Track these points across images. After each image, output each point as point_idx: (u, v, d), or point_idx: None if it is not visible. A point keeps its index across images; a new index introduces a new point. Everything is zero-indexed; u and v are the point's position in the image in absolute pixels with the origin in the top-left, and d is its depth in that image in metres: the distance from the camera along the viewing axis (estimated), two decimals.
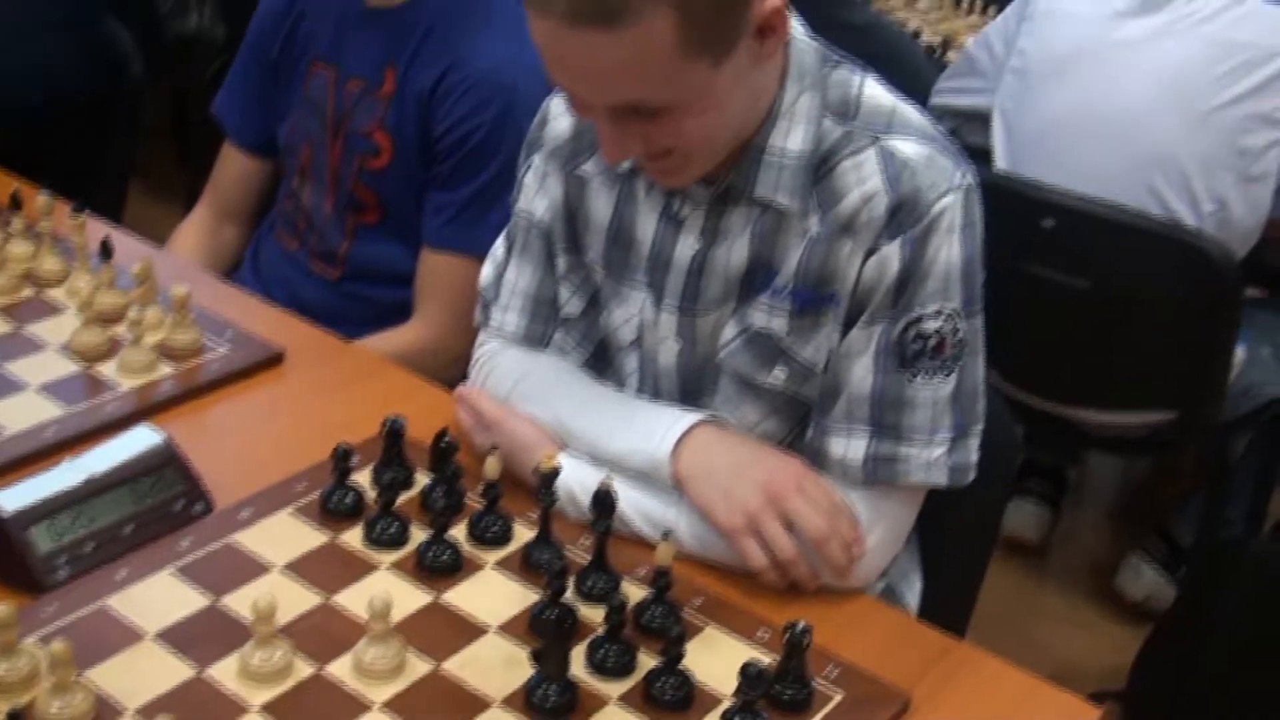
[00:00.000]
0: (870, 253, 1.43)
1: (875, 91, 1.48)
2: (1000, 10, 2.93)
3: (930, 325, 1.43)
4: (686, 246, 1.51)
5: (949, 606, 1.72)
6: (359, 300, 2.22)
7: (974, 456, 1.47)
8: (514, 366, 1.64)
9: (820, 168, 1.45)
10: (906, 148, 1.42)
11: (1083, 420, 2.64)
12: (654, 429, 1.49)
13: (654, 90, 1.29)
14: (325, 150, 2.22)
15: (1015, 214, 2.40)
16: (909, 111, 1.47)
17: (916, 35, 3.41)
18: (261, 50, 2.30)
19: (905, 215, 1.41)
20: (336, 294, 2.23)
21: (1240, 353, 2.50)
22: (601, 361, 1.66)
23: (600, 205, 1.58)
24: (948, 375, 1.44)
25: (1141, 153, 2.46)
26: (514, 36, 1.98)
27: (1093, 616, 2.92)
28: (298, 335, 1.90)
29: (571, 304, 1.64)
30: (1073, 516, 3.19)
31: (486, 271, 1.71)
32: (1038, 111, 2.61)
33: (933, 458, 1.45)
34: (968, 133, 2.87)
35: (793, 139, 1.44)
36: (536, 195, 1.64)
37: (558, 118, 1.62)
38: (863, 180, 1.42)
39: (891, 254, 1.41)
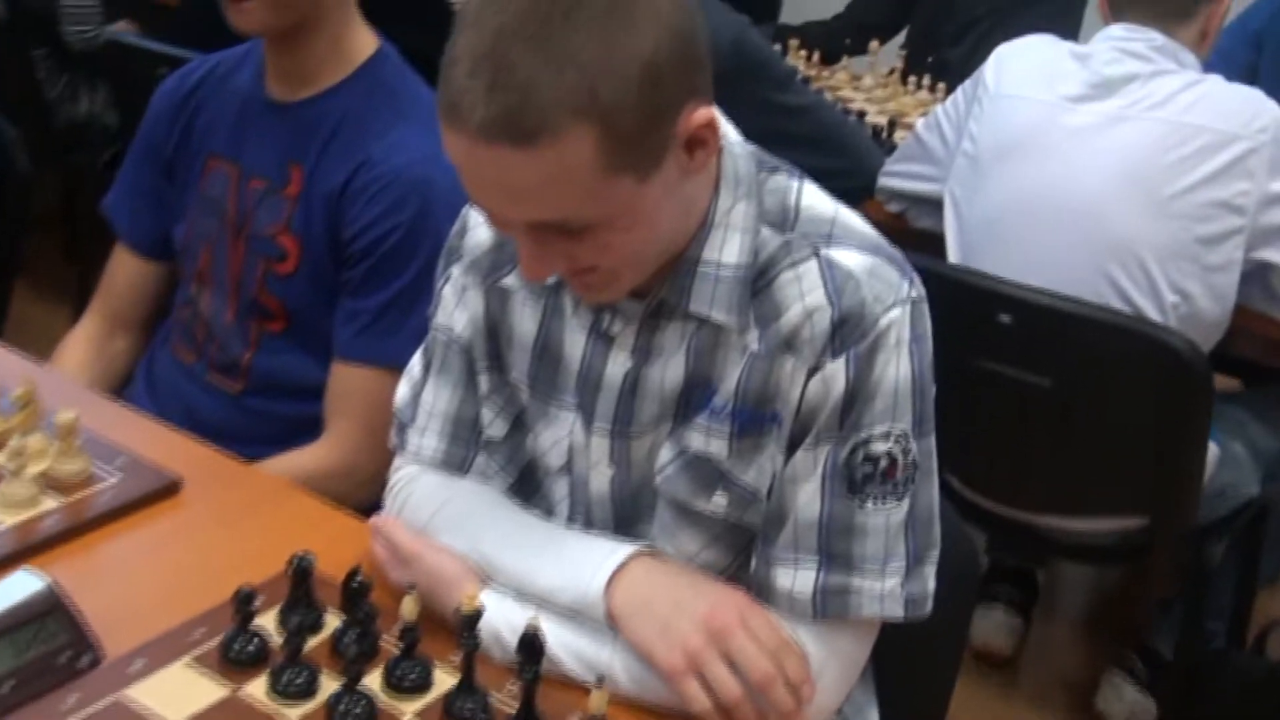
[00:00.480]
0: (814, 370, 1.43)
1: (815, 198, 1.48)
2: (950, 89, 2.97)
3: (880, 447, 1.42)
4: (618, 365, 1.51)
5: None
6: (263, 416, 2.20)
7: (931, 585, 1.47)
8: (432, 493, 1.62)
9: (759, 280, 1.45)
10: (850, 258, 1.43)
11: (1048, 527, 2.64)
12: (585, 563, 1.48)
13: (575, 209, 1.30)
14: (226, 253, 2.21)
15: (970, 308, 2.42)
16: (851, 219, 1.48)
17: (862, 115, 3.44)
18: (154, 144, 2.31)
19: (850, 331, 1.41)
20: (238, 410, 2.21)
21: (1213, 451, 2.50)
22: (528, 487, 1.65)
23: (525, 321, 1.58)
24: (900, 500, 1.44)
25: (1099, 242, 2.49)
26: (431, 131, 1.91)
27: None
28: (196, 460, 1.87)
29: (495, 426, 1.64)
30: (1044, 626, 3.18)
31: (402, 391, 1.70)
32: (989, 199, 2.65)
33: (887, 589, 1.44)
34: (917, 216, 2.95)
35: (728, 250, 1.45)
36: (456, 309, 1.63)
37: (477, 227, 1.62)
38: (804, 294, 1.43)
39: (836, 372, 1.42)
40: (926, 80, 3.76)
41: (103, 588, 1.60)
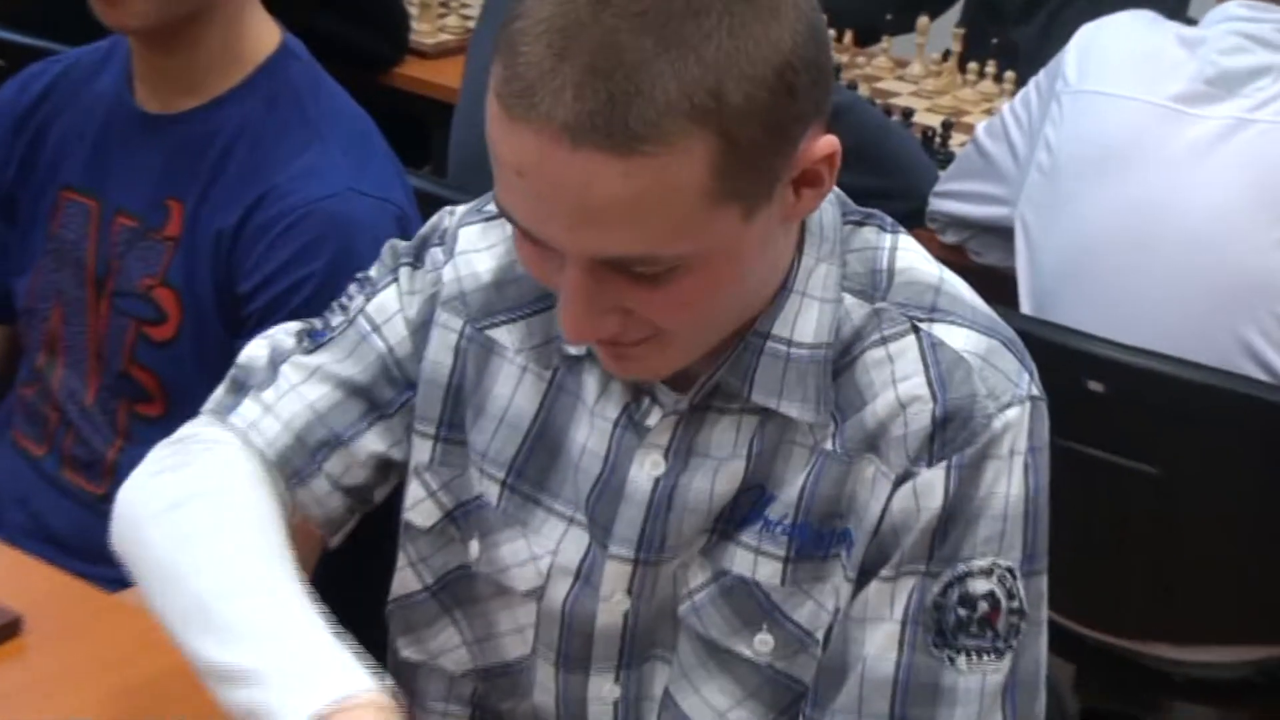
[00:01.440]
0: (903, 479, 1.35)
1: (913, 258, 1.43)
2: (1022, 79, 2.91)
3: (980, 586, 1.35)
4: (648, 469, 1.43)
5: None
6: None
7: None
8: (202, 478, 1.51)
9: (839, 360, 1.39)
10: (959, 338, 1.37)
11: (1157, 659, 2.54)
12: (299, 673, 1.29)
13: (665, 243, 1.21)
14: (84, 314, 2.10)
15: (1050, 373, 2.20)
16: (959, 286, 1.42)
17: (908, 116, 3.34)
18: None
19: (956, 432, 1.34)
20: (101, 519, 1.92)
21: None
22: (456, 599, 1.56)
23: (517, 392, 1.50)
24: (1000, 656, 1.36)
25: (1221, 286, 2.38)
26: (352, 154, 2.00)
27: None
28: (43, 589, 1.76)
29: (420, 511, 1.55)
30: None
31: (257, 352, 1.58)
32: (1074, 228, 2.52)
33: None
34: (981, 248, 2.85)
35: (805, 325, 1.38)
36: (407, 329, 1.53)
37: (471, 252, 1.53)
38: (898, 379, 1.36)
39: (933, 483, 1.34)
40: (991, 67, 3.64)
41: None
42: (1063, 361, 2.28)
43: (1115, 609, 2.52)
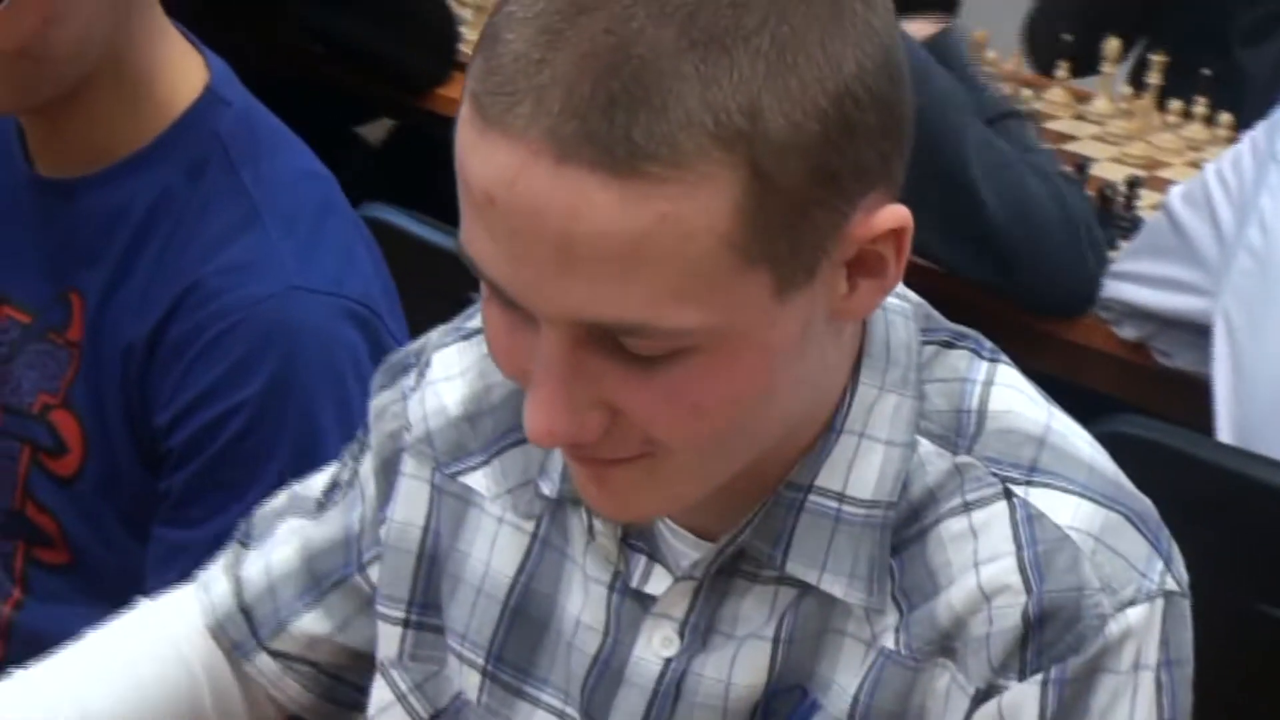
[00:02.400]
0: (986, 695, 1.18)
1: (1014, 397, 1.26)
2: (1247, 124, 2.61)
3: None
4: (655, 648, 1.27)
5: None
6: None
7: None
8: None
9: (906, 529, 1.23)
10: (1068, 509, 1.19)
11: None
12: None
13: (670, 306, 1.03)
14: None
15: (1257, 522, 2.13)
16: (1074, 435, 1.27)
17: (1082, 169, 2.97)
18: None
19: (1058, 634, 1.16)
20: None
21: None
22: None
23: (493, 551, 1.37)
24: None
25: None
26: (297, 234, 1.81)
27: None
28: None
29: (392, 715, 1.43)
30: None
31: (260, 513, 1.56)
32: None
33: None
34: (1169, 348, 2.60)
35: (862, 474, 1.23)
36: (373, 483, 1.45)
37: (444, 380, 1.41)
38: (983, 560, 1.19)
39: (1026, 701, 1.17)
40: (1201, 107, 3.27)
41: None
42: (1274, 509, 2.11)
43: None
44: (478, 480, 1.38)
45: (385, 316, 1.84)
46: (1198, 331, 2.45)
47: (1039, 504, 1.19)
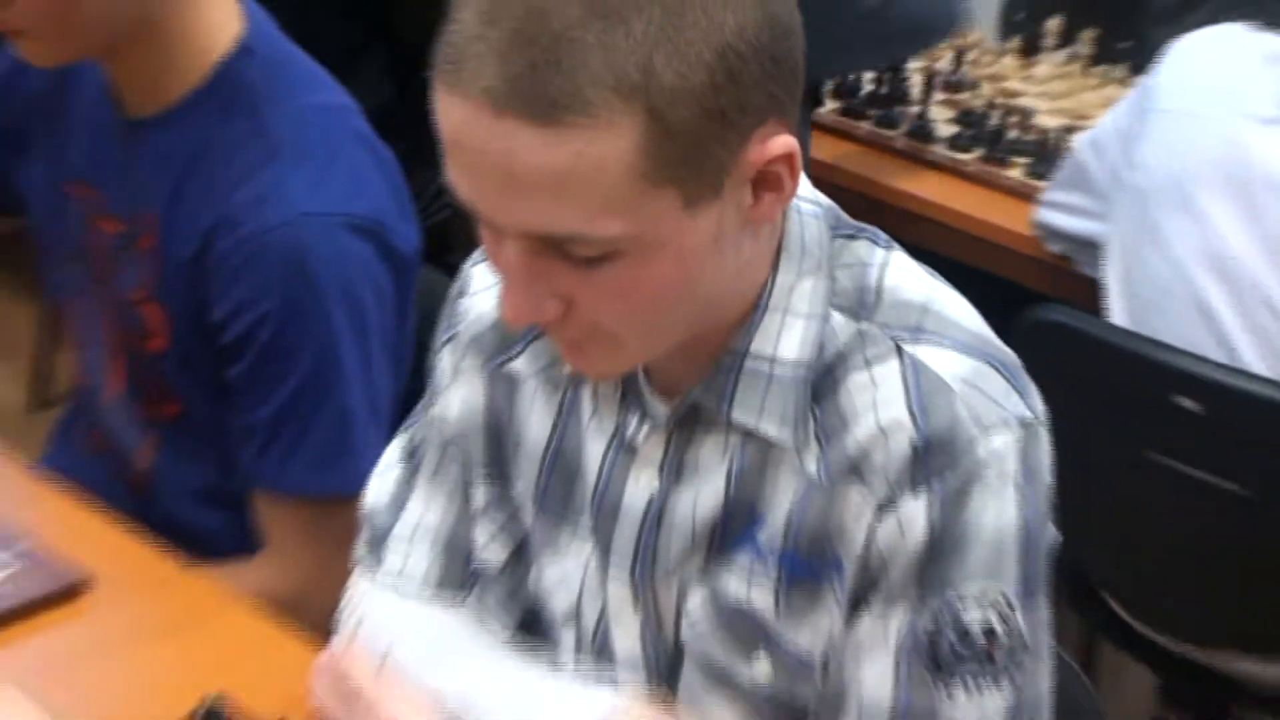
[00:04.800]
0: (886, 508, 1.31)
1: (904, 276, 1.39)
2: None
3: (974, 615, 1.30)
4: (641, 486, 1.43)
5: None
6: (181, 532, 1.98)
7: None
8: (394, 616, 1.56)
9: (823, 381, 1.34)
10: (944, 361, 1.32)
11: (1244, 675, 2.51)
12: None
13: (594, 222, 1.18)
14: (97, 315, 2.08)
15: (1142, 388, 2.26)
16: (951, 304, 1.38)
17: (1027, 116, 3.30)
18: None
19: (939, 458, 1.29)
20: (150, 522, 1.96)
21: None
22: (535, 635, 1.58)
23: (535, 418, 1.51)
24: (999, 686, 1.31)
25: None
26: (308, 166, 1.89)
27: None
28: (111, 552, 1.80)
29: (491, 550, 1.57)
30: None
31: (377, 492, 1.63)
32: (1167, 249, 2.50)
33: None
34: (1084, 262, 2.81)
35: (787, 342, 1.34)
36: (450, 396, 1.57)
37: (480, 292, 1.54)
38: (879, 404, 1.31)
39: (916, 512, 1.30)
40: (1120, 72, 3.54)
41: None
42: (1156, 379, 2.29)
43: (1202, 622, 2.48)
44: (518, 365, 1.51)
45: (394, 226, 1.93)
46: (1096, 247, 2.67)
47: (922, 358, 1.32)
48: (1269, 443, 2.28)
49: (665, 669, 1.47)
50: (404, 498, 1.60)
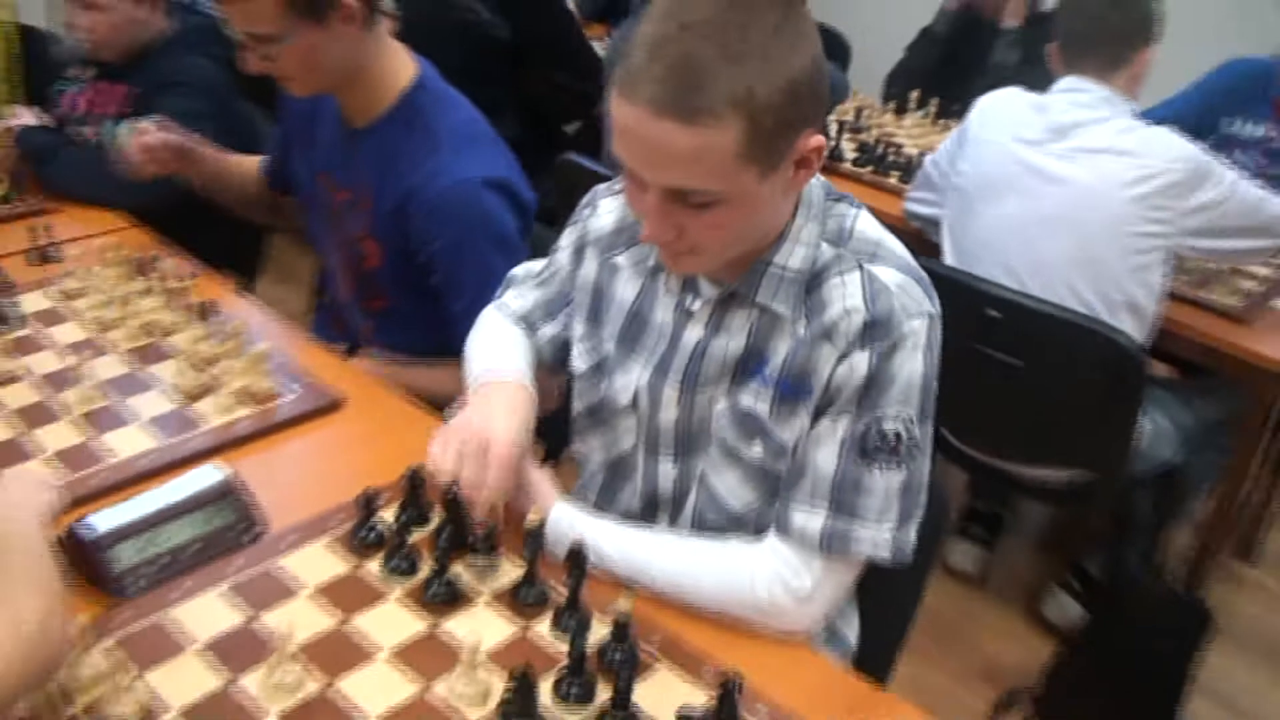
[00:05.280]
0: (843, 357, 1.30)
1: (867, 225, 1.36)
2: None
3: (890, 426, 1.30)
4: (692, 335, 1.40)
5: (885, 638, 1.60)
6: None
7: (913, 539, 1.34)
8: (491, 327, 1.60)
9: (812, 282, 1.33)
10: (887, 274, 1.30)
11: (1016, 472, 2.49)
12: (489, 367, 1.48)
13: (708, 183, 1.18)
14: (336, 249, 2.03)
15: (967, 305, 2.25)
16: (894, 244, 1.36)
17: (899, 149, 3.23)
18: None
19: (878, 330, 1.28)
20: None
21: (1145, 424, 2.34)
22: (595, 417, 1.53)
23: (625, 291, 1.47)
24: (899, 468, 1.31)
25: (1061, 258, 2.32)
26: (461, 152, 1.83)
27: (1019, 627, 2.77)
28: (357, 385, 1.77)
29: (580, 361, 1.52)
30: (1009, 547, 3.02)
31: (521, 271, 1.65)
32: (976, 224, 2.46)
33: (880, 538, 1.32)
34: (931, 233, 2.69)
35: (795, 259, 1.33)
36: (569, 259, 1.54)
37: (605, 213, 1.50)
38: (846, 297, 1.30)
39: (861, 361, 1.29)
40: (954, 121, 3.31)
41: (273, 479, 1.53)
42: (975, 298, 2.27)
43: (996, 441, 2.48)
44: (621, 259, 1.47)
45: (519, 186, 1.86)
46: (938, 224, 2.60)
47: (874, 271, 1.30)
48: (1036, 336, 2.25)
49: (687, 441, 1.44)
50: (526, 280, 1.62)
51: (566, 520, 1.41)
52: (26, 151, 2.34)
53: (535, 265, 1.63)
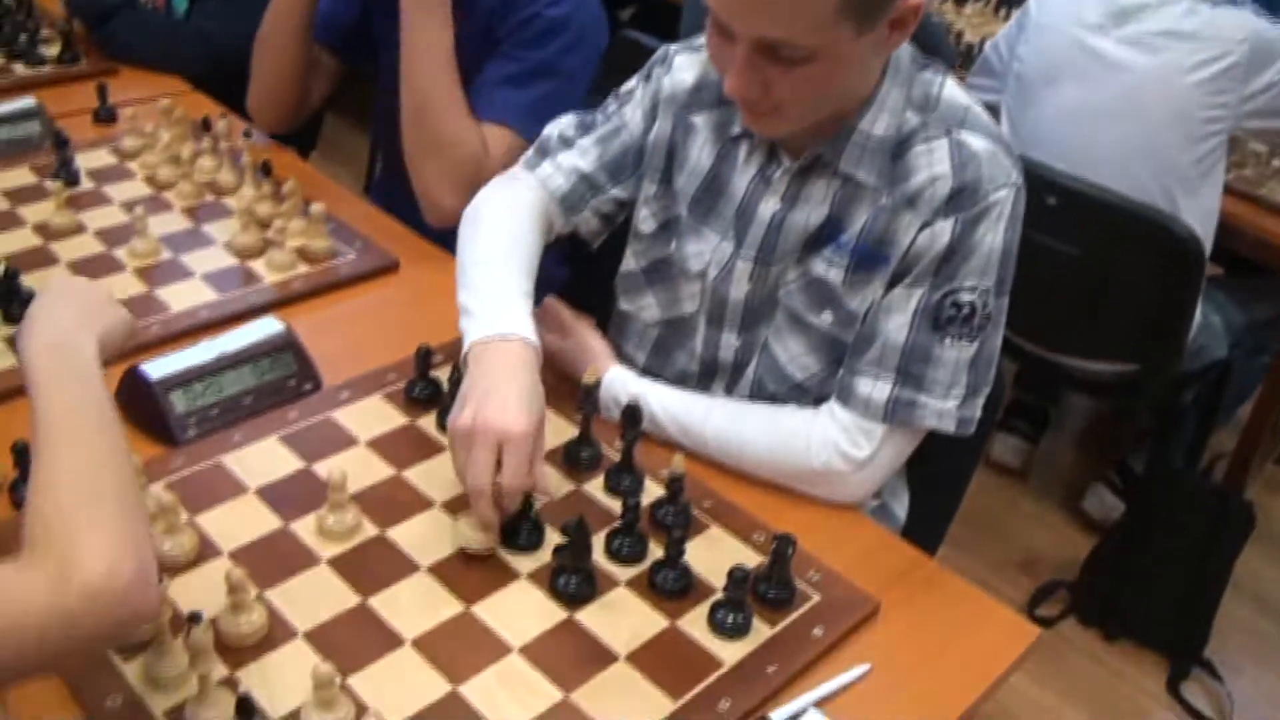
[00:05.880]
0: (925, 225, 1.25)
1: (954, 92, 1.31)
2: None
3: (965, 297, 1.26)
4: (770, 205, 1.35)
5: (932, 518, 1.57)
6: (445, 238, 1.72)
7: (978, 413, 1.30)
8: (507, 222, 1.43)
9: (897, 149, 1.28)
10: (976, 142, 1.26)
11: (1065, 364, 2.43)
12: (488, 316, 1.28)
13: (803, 36, 1.13)
14: (396, 125, 1.80)
15: (1027, 190, 2.16)
16: (981, 112, 1.31)
17: (960, 35, 3.12)
18: None
19: (964, 199, 1.24)
20: (426, 232, 1.81)
21: (1197, 319, 2.28)
22: (656, 276, 1.49)
23: (702, 155, 1.41)
24: (972, 341, 1.27)
25: (1120, 145, 2.24)
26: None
27: (1058, 521, 2.75)
28: (414, 248, 1.75)
29: (647, 222, 1.47)
30: (1052, 442, 2.98)
31: (552, 132, 1.51)
32: (1036, 110, 2.37)
33: (946, 408, 1.28)
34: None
35: (879, 125, 1.28)
36: (642, 116, 1.46)
37: (682, 69, 1.44)
38: (933, 164, 1.25)
39: (944, 230, 1.24)
40: (1013, 10, 3.17)
41: (329, 335, 1.51)
42: (1035, 184, 2.05)
43: (1047, 332, 2.40)
44: (698, 119, 1.41)
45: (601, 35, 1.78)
46: (997, 109, 2.46)
47: (963, 138, 1.25)
48: (1094, 224, 2.18)
49: (753, 312, 1.40)
50: (570, 143, 1.49)
51: (621, 381, 1.39)
52: (78, 10, 2.28)
53: (569, 122, 1.51)
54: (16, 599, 0.63)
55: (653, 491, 1.27)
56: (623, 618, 1.12)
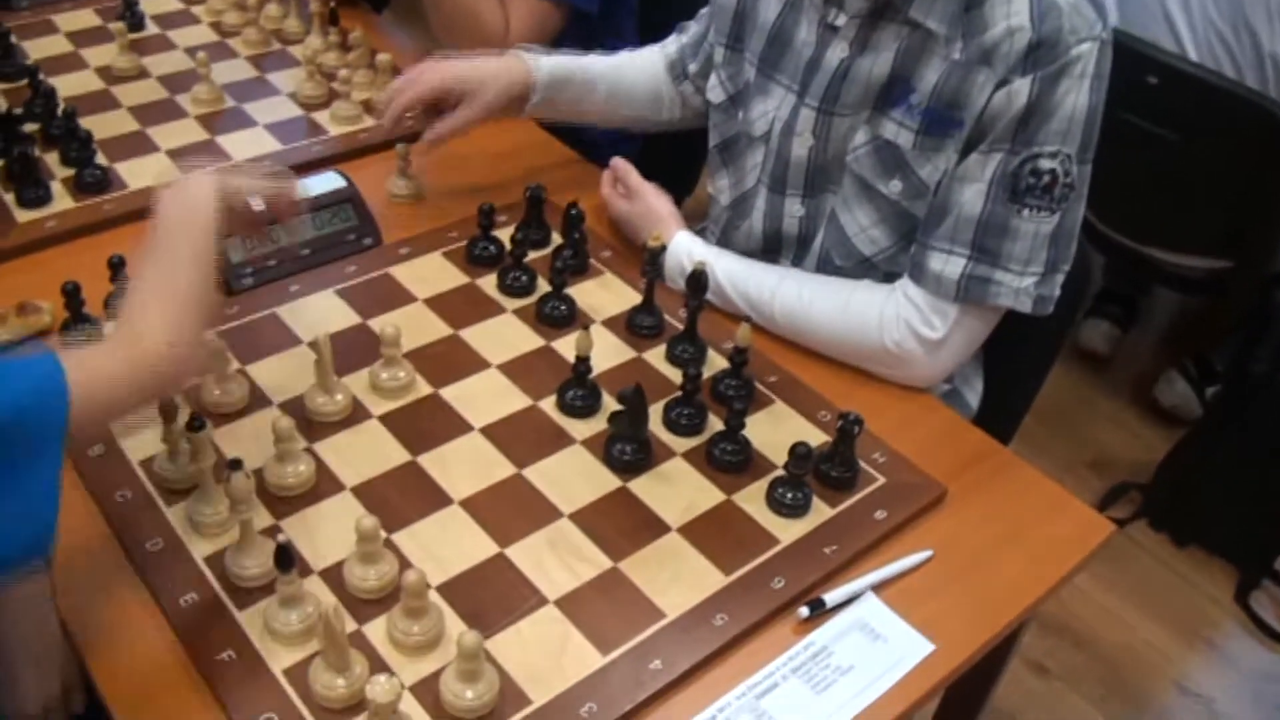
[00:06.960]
0: (1002, 84, 1.15)
1: None
2: None
3: (1046, 164, 1.16)
4: (836, 52, 1.27)
5: (1006, 410, 1.50)
6: None
7: (1057, 292, 1.22)
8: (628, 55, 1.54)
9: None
10: None
11: (1154, 258, 2.32)
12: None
13: None
14: None
15: (1125, 68, 1.98)
16: None
17: None
18: None
19: (1043, 54, 1.13)
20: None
21: None
22: (729, 152, 1.43)
23: (768, 11, 1.34)
24: (1052, 213, 1.18)
25: (1217, 18, 2.11)
26: None
27: (1133, 420, 2.65)
28: None
29: (716, 92, 1.41)
30: (1134, 340, 2.87)
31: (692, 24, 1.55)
32: None
33: (1022, 285, 1.20)
34: None
35: None
36: None
37: None
38: (1010, 15, 1.15)
39: (1022, 88, 1.14)
40: None
41: (390, 193, 1.47)
42: (1136, 62, 2.04)
43: (1137, 223, 2.30)
44: None
45: None
46: None
47: None
48: (1194, 107, 2.06)
49: (818, 175, 1.33)
50: (688, 29, 1.55)
51: (685, 248, 1.33)
52: None
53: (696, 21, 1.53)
54: (103, 365, 0.86)
55: (715, 364, 1.23)
56: (677, 489, 1.09)
